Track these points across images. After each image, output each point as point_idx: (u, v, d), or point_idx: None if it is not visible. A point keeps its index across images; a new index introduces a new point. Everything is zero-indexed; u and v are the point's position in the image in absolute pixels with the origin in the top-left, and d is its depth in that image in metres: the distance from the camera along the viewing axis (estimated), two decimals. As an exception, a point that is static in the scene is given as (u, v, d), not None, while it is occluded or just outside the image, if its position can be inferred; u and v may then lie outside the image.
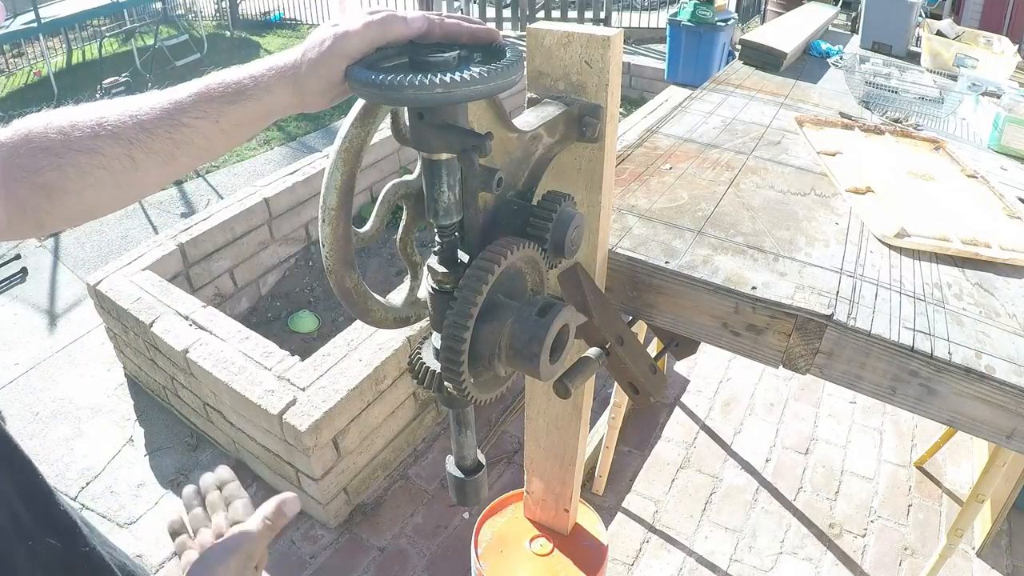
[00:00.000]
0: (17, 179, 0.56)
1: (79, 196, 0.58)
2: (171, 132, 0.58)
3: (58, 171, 0.57)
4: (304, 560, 1.89)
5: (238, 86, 0.59)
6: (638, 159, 1.23)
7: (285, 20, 8.22)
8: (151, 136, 0.58)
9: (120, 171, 0.58)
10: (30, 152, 0.57)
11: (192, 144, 0.59)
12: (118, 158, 0.57)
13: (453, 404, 0.63)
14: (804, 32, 2.09)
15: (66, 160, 0.57)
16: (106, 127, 0.58)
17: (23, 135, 0.57)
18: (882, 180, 1.17)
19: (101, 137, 0.57)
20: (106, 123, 0.58)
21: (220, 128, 0.59)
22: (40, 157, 0.56)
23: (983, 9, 6.13)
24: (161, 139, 0.58)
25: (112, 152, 0.57)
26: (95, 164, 0.57)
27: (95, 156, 0.57)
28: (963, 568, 1.84)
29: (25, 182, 0.56)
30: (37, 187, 0.56)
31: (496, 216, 0.60)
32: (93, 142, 0.57)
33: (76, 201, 0.58)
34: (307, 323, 2.89)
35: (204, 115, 0.58)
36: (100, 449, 2.27)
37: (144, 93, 0.61)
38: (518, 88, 0.93)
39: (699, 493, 2.06)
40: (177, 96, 0.59)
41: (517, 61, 0.50)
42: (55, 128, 0.57)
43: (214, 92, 0.59)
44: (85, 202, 0.59)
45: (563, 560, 1.14)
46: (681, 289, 0.90)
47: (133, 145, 0.58)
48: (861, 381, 0.83)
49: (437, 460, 2.19)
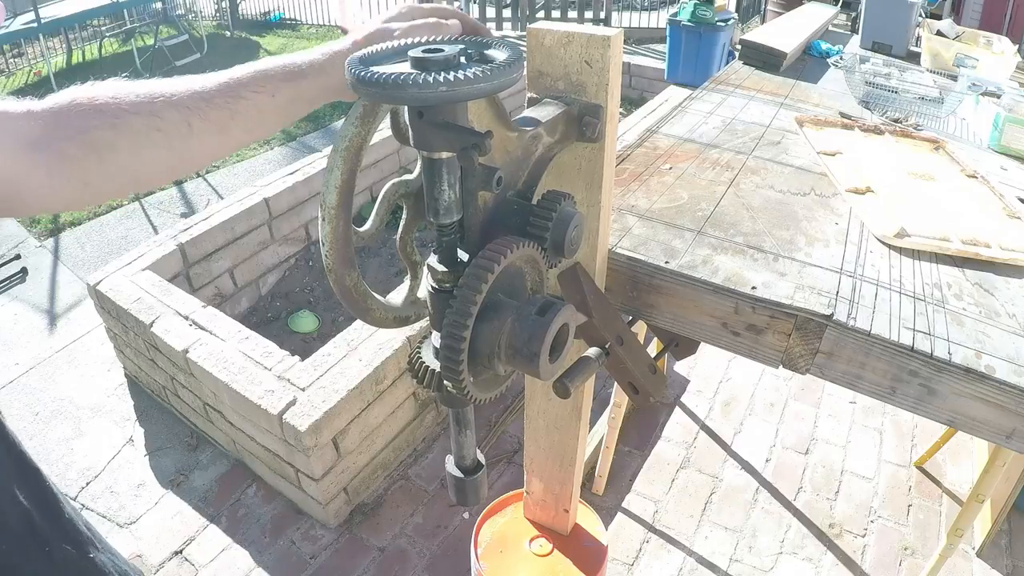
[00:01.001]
0: (66, 137, 0.56)
1: (132, 156, 0.58)
2: (229, 102, 0.61)
3: (112, 130, 0.57)
4: (304, 560, 1.89)
5: (295, 66, 0.63)
6: (638, 159, 1.23)
7: (285, 20, 8.22)
8: (209, 104, 0.60)
9: (175, 135, 0.59)
10: (81, 113, 0.57)
11: (247, 116, 0.61)
12: (175, 123, 0.59)
13: (453, 403, 0.63)
14: (804, 32, 2.09)
15: (121, 120, 0.57)
16: (162, 94, 0.59)
17: (67, 101, 0.57)
18: (882, 180, 1.17)
19: (157, 102, 0.59)
20: (161, 92, 0.59)
21: (275, 103, 0.62)
22: (92, 116, 0.57)
23: (983, 9, 6.13)
24: (219, 108, 0.60)
25: (169, 116, 0.59)
26: (151, 126, 0.58)
27: (152, 119, 0.58)
28: (963, 568, 1.84)
29: (76, 140, 0.56)
30: (88, 144, 0.56)
31: (496, 215, 0.60)
32: (150, 106, 0.58)
33: (128, 160, 0.58)
34: (307, 323, 2.89)
35: (262, 89, 0.61)
36: (100, 449, 2.27)
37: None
38: (518, 88, 0.93)
39: (699, 493, 2.06)
40: (235, 73, 0.62)
41: (518, 60, 0.50)
42: (106, 94, 0.58)
43: (272, 70, 0.62)
44: (136, 163, 0.59)
45: (563, 560, 1.14)
46: (681, 289, 0.90)
47: (191, 111, 0.59)
48: (861, 381, 0.83)
49: (437, 460, 2.19)
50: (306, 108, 0.66)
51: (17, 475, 0.62)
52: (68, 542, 0.66)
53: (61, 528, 0.66)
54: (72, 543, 0.66)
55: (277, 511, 2.04)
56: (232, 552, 1.92)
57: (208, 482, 2.14)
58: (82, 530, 0.69)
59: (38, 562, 0.61)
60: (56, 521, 0.65)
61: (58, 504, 0.66)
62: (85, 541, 0.69)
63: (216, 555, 1.91)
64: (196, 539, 1.96)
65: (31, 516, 0.61)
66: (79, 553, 0.67)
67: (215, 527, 1.99)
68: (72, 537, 0.67)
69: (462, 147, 0.49)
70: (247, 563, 1.88)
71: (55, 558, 0.63)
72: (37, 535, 0.62)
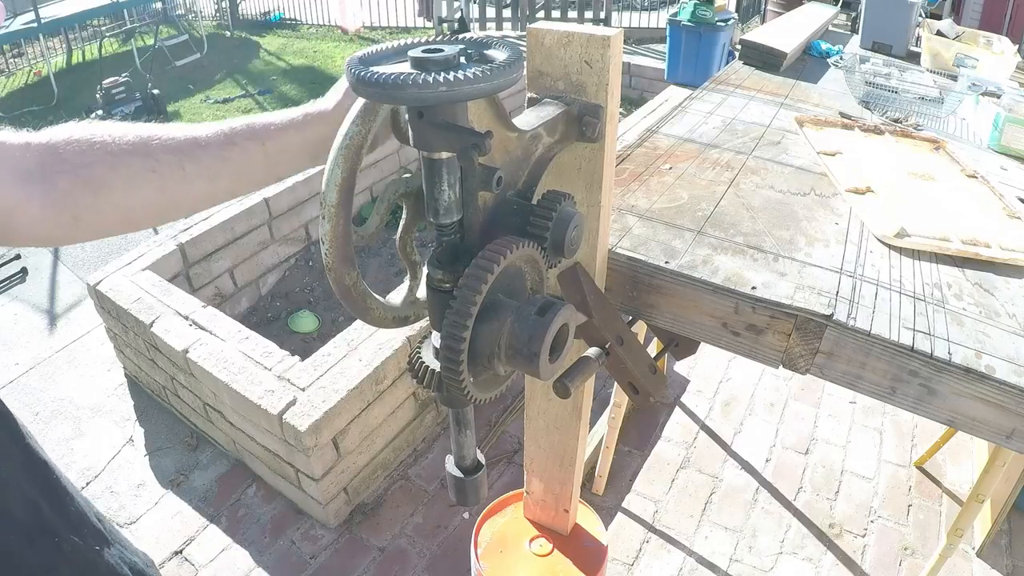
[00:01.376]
0: (61, 171, 0.57)
1: (125, 194, 0.60)
2: (223, 149, 0.63)
3: (109, 168, 0.58)
4: (304, 560, 1.89)
5: (284, 120, 0.67)
6: (638, 159, 1.23)
7: (285, 20, 8.22)
8: (204, 150, 0.62)
9: (170, 178, 0.61)
10: (78, 148, 0.58)
11: (237, 164, 0.64)
12: (170, 165, 0.61)
13: (453, 403, 0.63)
14: (804, 32, 2.09)
15: (118, 158, 0.59)
16: (159, 137, 0.62)
17: (65, 136, 0.59)
18: (882, 180, 1.17)
19: (154, 144, 0.61)
20: (158, 135, 0.62)
21: (265, 151, 0.65)
22: (89, 153, 0.58)
23: (983, 9, 6.12)
24: (212, 154, 0.63)
25: (165, 158, 0.61)
26: (147, 167, 0.60)
27: (148, 159, 0.60)
28: (963, 568, 1.84)
29: (71, 174, 0.57)
30: (83, 180, 0.58)
31: (496, 215, 0.60)
32: (147, 147, 0.60)
33: (121, 199, 0.60)
34: (307, 323, 2.89)
35: (254, 138, 0.65)
36: (100, 449, 2.27)
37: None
38: (518, 88, 0.92)
39: (699, 493, 2.06)
40: (229, 124, 0.65)
41: (518, 60, 0.50)
42: (103, 132, 0.60)
43: (262, 122, 0.66)
44: (129, 202, 0.60)
45: (563, 560, 1.14)
46: (681, 289, 0.90)
47: (186, 156, 0.62)
48: (861, 381, 0.83)
49: (437, 460, 2.19)
50: (291, 162, 0.68)
51: (24, 466, 0.63)
52: (76, 533, 0.67)
53: (69, 520, 0.67)
54: (80, 535, 0.67)
55: (277, 511, 2.04)
56: (232, 552, 1.92)
57: (208, 482, 2.14)
58: (92, 522, 0.70)
59: (44, 551, 0.62)
60: (64, 512, 0.66)
61: (67, 496, 0.68)
62: (94, 533, 0.70)
63: (216, 555, 1.91)
64: (196, 539, 1.96)
65: (38, 506, 0.62)
66: (86, 545, 0.68)
67: (215, 527, 1.99)
68: (80, 529, 0.68)
69: (462, 147, 0.49)
70: (247, 563, 1.88)
71: (62, 548, 0.64)
72: (44, 525, 0.63)
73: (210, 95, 5.57)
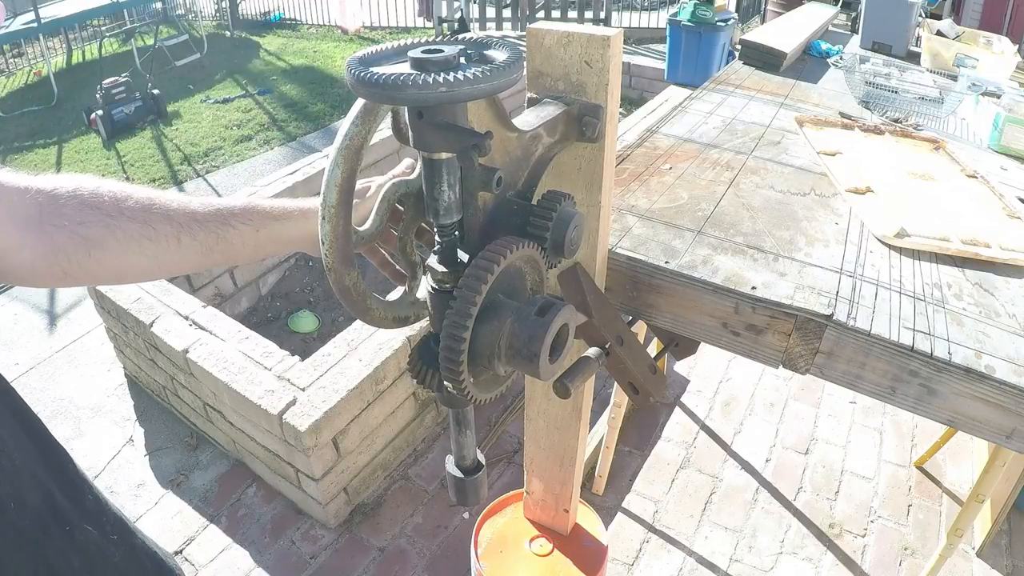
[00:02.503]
0: (58, 225, 0.58)
1: (118, 258, 0.61)
2: (219, 228, 0.65)
3: (107, 229, 0.60)
4: (304, 560, 1.89)
5: (282, 209, 0.69)
6: (638, 159, 1.23)
7: (285, 20, 8.22)
8: (201, 226, 0.65)
9: (163, 248, 0.63)
10: (79, 205, 0.59)
11: (230, 243, 0.66)
12: (166, 236, 0.63)
13: (453, 403, 0.63)
14: (804, 32, 2.09)
15: (117, 223, 0.60)
16: (160, 206, 0.63)
17: (70, 188, 0.60)
18: (882, 180, 1.17)
19: (154, 213, 0.63)
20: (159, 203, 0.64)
21: (257, 236, 0.67)
22: (88, 212, 0.59)
23: (983, 9, 6.13)
24: (208, 231, 0.65)
25: (162, 228, 0.63)
26: (144, 234, 0.62)
27: (146, 227, 0.62)
28: (963, 568, 1.84)
29: (67, 230, 0.58)
30: (80, 238, 0.59)
31: (496, 216, 0.60)
32: (146, 214, 0.62)
33: (113, 261, 0.61)
34: (307, 323, 2.89)
35: (249, 222, 0.67)
36: (100, 449, 2.27)
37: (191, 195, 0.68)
38: (518, 88, 0.93)
39: (699, 493, 2.06)
40: (228, 202, 0.68)
41: (518, 60, 0.50)
42: (107, 192, 0.61)
43: (261, 207, 0.68)
44: (120, 264, 0.62)
45: (563, 560, 1.14)
46: (681, 289, 0.90)
47: (183, 229, 0.64)
48: (861, 381, 0.83)
49: (437, 460, 2.19)
50: (278, 249, 0.71)
51: (40, 456, 0.64)
52: (91, 524, 0.68)
53: (84, 510, 0.68)
54: (95, 525, 0.68)
55: (277, 511, 2.04)
56: (232, 552, 1.92)
57: (208, 482, 2.14)
58: (108, 514, 0.72)
59: (59, 540, 0.63)
60: (79, 503, 0.68)
61: (83, 487, 0.69)
62: (114, 522, 0.72)
63: (216, 555, 1.91)
64: (196, 539, 1.96)
65: (53, 496, 0.63)
66: (101, 534, 0.69)
67: (215, 527, 1.99)
68: (95, 520, 0.69)
69: (462, 148, 0.49)
70: (247, 563, 1.88)
71: (76, 538, 0.65)
72: (59, 514, 0.64)
73: (210, 95, 5.57)
